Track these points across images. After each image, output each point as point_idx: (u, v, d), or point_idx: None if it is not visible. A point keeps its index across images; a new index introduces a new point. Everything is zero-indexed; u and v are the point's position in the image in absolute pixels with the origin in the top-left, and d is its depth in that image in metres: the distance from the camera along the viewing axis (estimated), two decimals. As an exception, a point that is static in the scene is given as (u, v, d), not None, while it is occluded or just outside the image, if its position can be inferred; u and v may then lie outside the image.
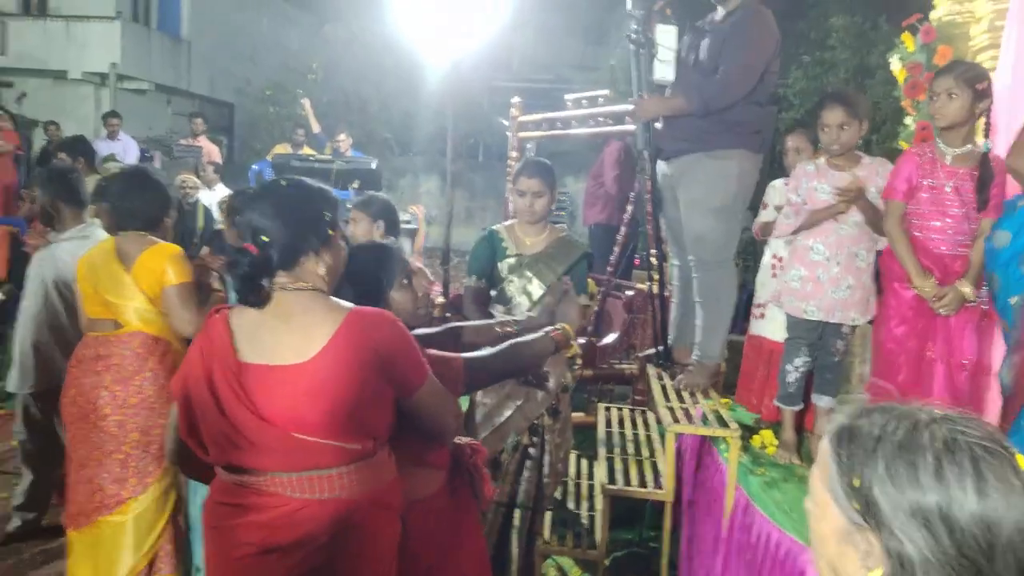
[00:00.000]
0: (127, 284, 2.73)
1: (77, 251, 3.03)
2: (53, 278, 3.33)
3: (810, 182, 2.90)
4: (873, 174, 2.84)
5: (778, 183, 3.65)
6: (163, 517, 2.78)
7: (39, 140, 9.54)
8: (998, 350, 2.59)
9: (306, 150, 8.17)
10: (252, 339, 1.65)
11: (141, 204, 2.82)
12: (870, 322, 3.04)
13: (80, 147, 5.11)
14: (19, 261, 3.63)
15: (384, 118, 13.35)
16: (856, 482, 0.89)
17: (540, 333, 2.09)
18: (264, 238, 1.64)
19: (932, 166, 2.68)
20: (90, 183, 3.99)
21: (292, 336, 1.62)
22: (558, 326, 2.14)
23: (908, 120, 3.78)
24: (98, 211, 3.59)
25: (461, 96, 11.45)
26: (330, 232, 1.71)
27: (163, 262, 2.74)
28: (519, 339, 2.05)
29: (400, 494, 1.78)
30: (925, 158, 2.70)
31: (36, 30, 13.12)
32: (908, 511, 0.85)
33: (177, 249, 2.83)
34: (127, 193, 2.85)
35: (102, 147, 7.40)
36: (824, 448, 0.96)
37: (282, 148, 8.39)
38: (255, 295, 1.65)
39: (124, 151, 7.84)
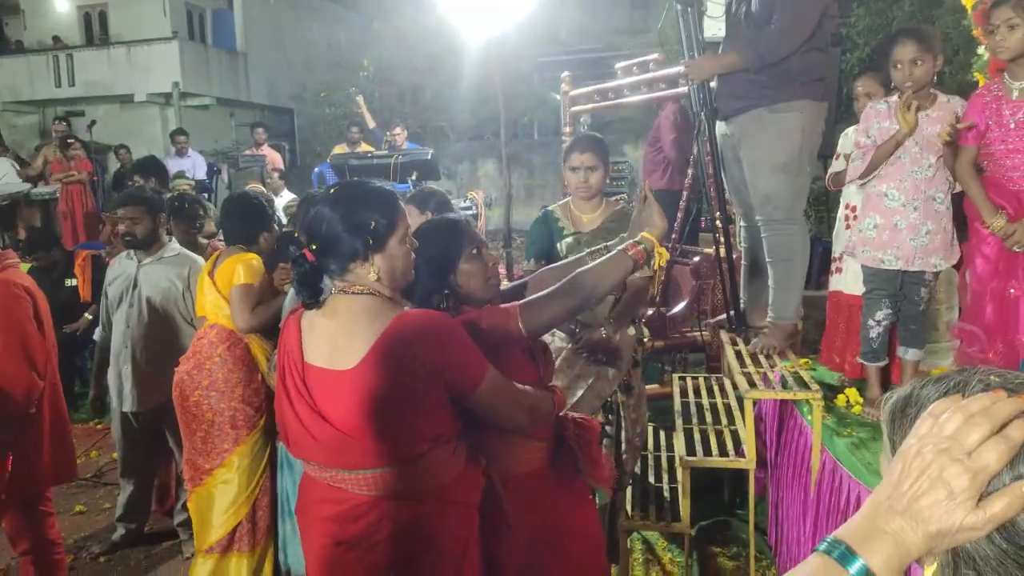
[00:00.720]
0: (208, 282, 3.11)
1: (172, 270, 3.48)
2: (157, 296, 3.48)
3: (882, 123, 2.75)
4: (949, 114, 2.68)
5: (850, 131, 3.48)
6: (243, 494, 3.04)
7: (112, 164, 9.95)
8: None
9: (363, 147, 8.26)
10: (314, 341, 1.71)
11: (239, 225, 3.22)
12: (955, 267, 2.88)
13: (153, 167, 5.28)
14: (101, 284, 3.76)
15: (438, 106, 13.39)
16: None
17: (613, 253, 1.94)
18: (315, 246, 1.70)
19: (998, 104, 2.60)
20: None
21: (343, 340, 1.66)
22: (637, 238, 1.94)
23: (981, 50, 3.55)
24: (172, 227, 3.83)
25: (510, 76, 11.39)
26: (382, 236, 1.69)
27: (236, 264, 3.04)
28: (582, 268, 1.93)
29: (472, 485, 1.78)
30: (991, 97, 2.61)
31: (100, 59, 13.69)
32: None
33: (250, 255, 3.11)
34: (229, 218, 3.29)
35: (172, 165, 7.65)
36: (884, 424, 0.89)
37: (340, 148, 8.50)
38: (311, 299, 1.71)
39: (193, 167, 8.10)
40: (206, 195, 8.00)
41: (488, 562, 1.85)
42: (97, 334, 3.65)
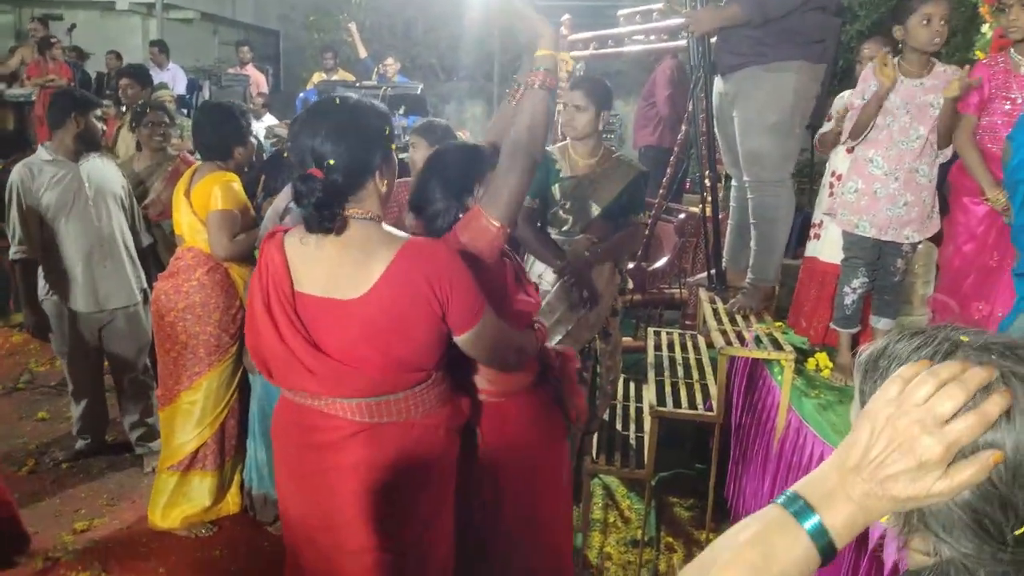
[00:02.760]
0: (184, 204, 3.02)
1: (110, 166, 3.54)
2: (117, 190, 3.50)
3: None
4: (943, 84, 2.68)
5: (846, 94, 3.47)
6: (208, 417, 3.06)
7: (90, 71, 9.62)
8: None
9: (341, 74, 8.07)
10: (308, 269, 1.64)
11: (213, 138, 3.09)
12: (933, 241, 2.92)
13: (139, 75, 5.13)
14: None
15: (428, 42, 13.09)
16: None
17: (531, 93, 1.81)
18: (330, 161, 1.58)
19: (1005, 77, 2.56)
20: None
21: (348, 269, 1.61)
22: (532, 65, 1.84)
23: (985, 28, 3.55)
24: (137, 135, 3.91)
25: (507, 18, 11.15)
26: (389, 149, 1.67)
27: (213, 187, 2.95)
28: (517, 115, 1.84)
29: (458, 411, 1.80)
30: (997, 69, 2.58)
31: (83, -40, 13.09)
32: None
33: (228, 177, 3.02)
34: (202, 127, 3.15)
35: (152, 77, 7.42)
36: (856, 380, 0.89)
37: (319, 75, 8.30)
38: (330, 222, 1.59)
39: (172, 81, 7.87)
40: (185, 111, 7.80)
41: (463, 484, 1.88)
42: (18, 251, 3.31)
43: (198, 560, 2.95)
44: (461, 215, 1.84)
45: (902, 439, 0.72)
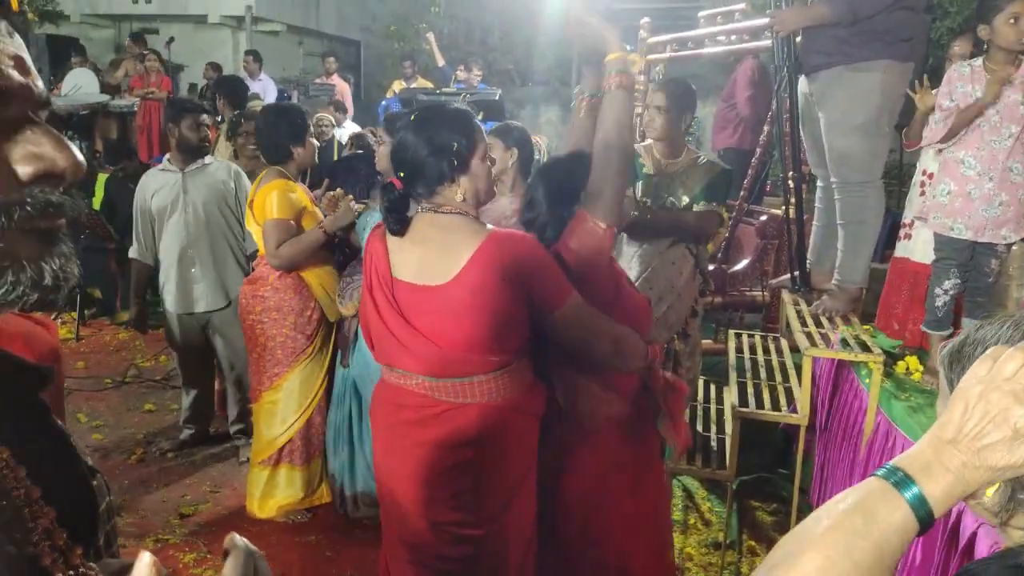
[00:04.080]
0: (248, 213, 3.18)
1: (218, 174, 3.65)
2: (212, 199, 3.62)
3: (965, 86, 2.68)
4: None
5: (935, 91, 3.39)
6: (294, 415, 3.18)
7: (184, 84, 10.12)
8: None
9: (420, 82, 8.27)
10: (402, 258, 1.81)
11: (272, 139, 3.14)
12: (1031, 242, 2.83)
13: (234, 86, 5.36)
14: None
15: (505, 48, 13.25)
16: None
17: (611, 97, 1.86)
18: (402, 173, 1.79)
19: None
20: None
21: (434, 257, 1.75)
22: (604, 72, 1.89)
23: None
24: (234, 145, 4.06)
25: (571, 27, 11.15)
26: (465, 157, 1.77)
27: (269, 196, 3.04)
28: (596, 140, 1.90)
29: (539, 399, 1.87)
30: None
31: (177, -23, 13.76)
32: None
33: (286, 185, 3.08)
34: (260, 130, 3.23)
35: (243, 87, 7.77)
36: (941, 371, 0.90)
37: (399, 83, 8.53)
38: (396, 225, 1.81)
39: (263, 91, 8.21)
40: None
41: (553, 486, 1.94)
42: (132, 251, 3.67)
43: (296, 544, 3.09)
44: (568, 222, 1.89)
45: (996, 411, 0.75)
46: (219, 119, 5.43)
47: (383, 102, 8.53)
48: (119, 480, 3.54)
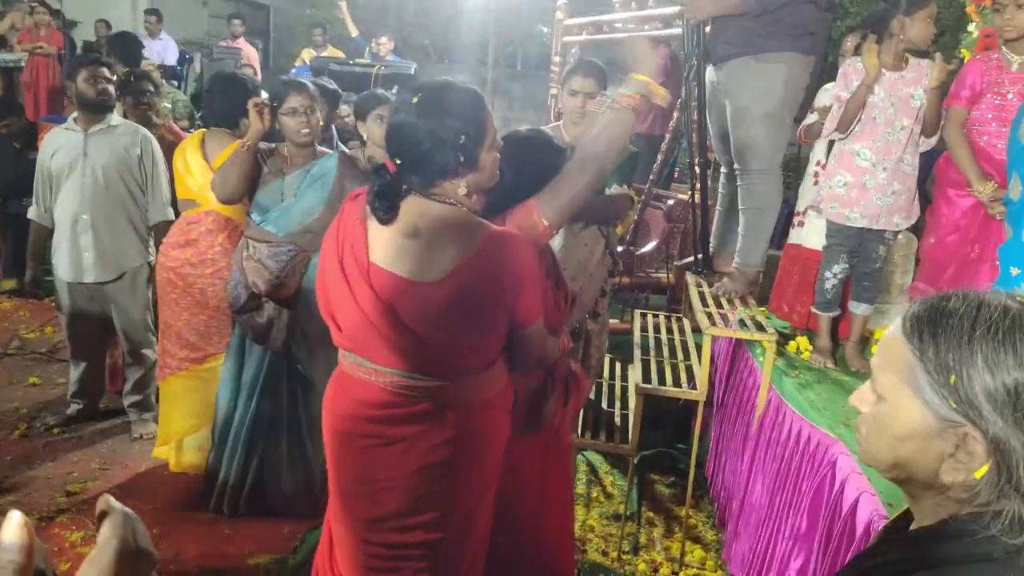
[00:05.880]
0: (202, 164, 3.11)
1: (123, 138, 3.47)
2: (113, 164, 3.42)
3: (859, 79, 2.83)
4: (922, 76, 2.78)
5: (829, 86, 3.57)
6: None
7: (78, 40, 9.51)
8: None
9: (331, 51, 8.05)
10: (385, 244, 1.63)
11: (224, 107, 3.15)
12: (913, 231, 3.02)
13: (127, 43, 5.09)
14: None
15: (421, 23, 13.07)
16: (952, 378, 0.81)
17: (612, 112, 1.85)
18: (398, 160, 1.60)
19: (997, 73, 2.66)
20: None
21: (424, 251, 1.59)
22: (627, 89, 1.86)
23: (971, 27, 3.65)
24: (122, 103, 3.87)
25: (502, 3, 11.11)
26: (473, 151, 1.60)
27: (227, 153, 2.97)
28: (588, 139, 1.86)
29: (511, 394, 1.81)
30: (990, 65, 2.67)
31: (72, -74, 12.87)
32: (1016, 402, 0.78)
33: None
34: (212, 95, 3.23)
35: (142, 46, 7.36)
36: (896, 344, 0.87)
37: (308, 52, 8.27)
38: (385, 213, 1.61)
39: (164, 50, 7.82)
40: (176, 82, 7.75)
41: None
42: (31, 212, 3.49)
43: (188, 519, 2.99)
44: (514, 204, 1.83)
45: None
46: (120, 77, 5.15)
47: (292, 70, 8.27)
48: (1, 457, 3.34)
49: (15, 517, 0.49)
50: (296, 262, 2.83)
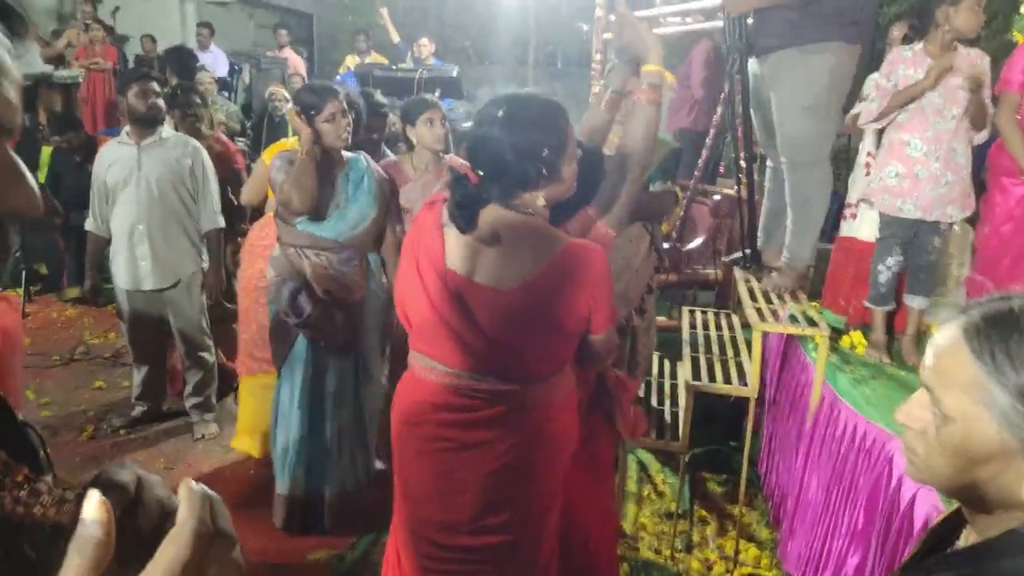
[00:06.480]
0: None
1: (174, 150, 3.56)
2: (166, 176, 3.53)
3: (906, 69, 2.78)
4: (970, 65, 2.71)
5: (876, 75, 3.50)
6: None
7: (129, 54, 9.80)
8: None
9: (375, 57, 8.16)
10: (462, 251, 1.65)
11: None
12: (970, 222, 2.95)
13: (182, 57, 5.22)
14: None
15: (461, 25, 13.14)
16: None
17: (632, 110, 1.91)
18: (480, 172, 1.62)
19: None
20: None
21: (503, 259, 1.62)
22: (642, 81, 1.90)
23: (1023, 9, 3.54)
24: (174, 118, 3.97)
25: (541, 2, 11.12)
26: (555, 164, 1.62)
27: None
28: (625, 139, 1.92)
29: (577, 396, 1.84)
30: None
31: (123, -56, 13.28)
32: None
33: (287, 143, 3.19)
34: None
35: (193, 59, 7.56)
36: (962, 361, 0.81)
37: (352, 59, 8.40)
38: (466, 223, 1.63)
39: (214, 62, 8.02)
40: (226, 93, 7.95)
41: None
42: (88, 224, 3.62)
43: (253, 519, 3.08)
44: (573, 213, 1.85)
45: None
46: (167, 90, 5.31)
47: (337, 77, 8.40)
48: (70, 457, 3.48)
49: (95, 496, 0.51)
50: (362, 263, 2.89)
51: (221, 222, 3.67)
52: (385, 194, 2.95)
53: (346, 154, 2.93)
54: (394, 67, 6.95)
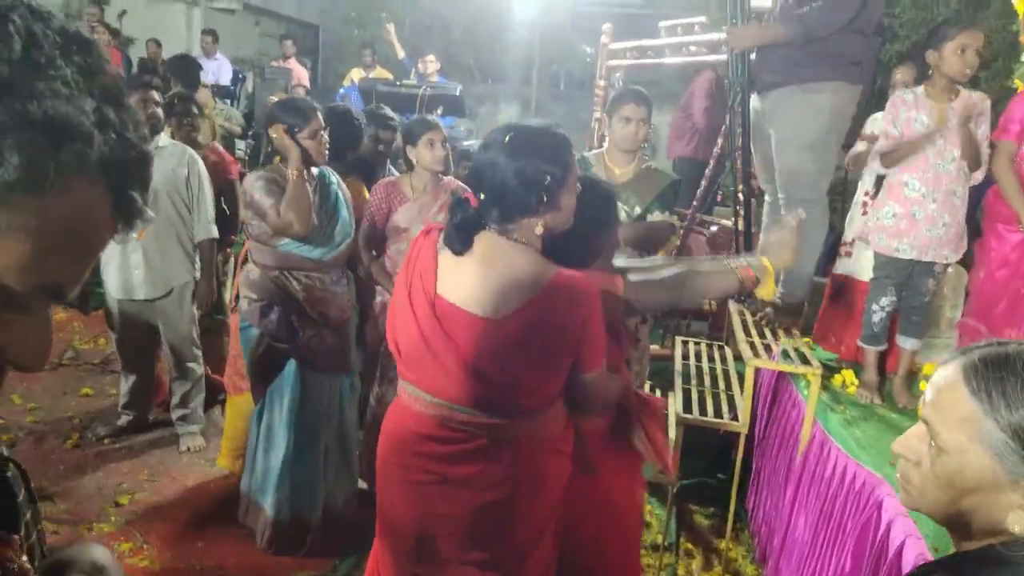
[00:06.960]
0: None
1: (171, 159, 3.54)
2: (161, 185, 3.49)
3: (908, 112, 2.80)
4: (969, 106, 2.73)
5: (879, 115, 3.53)
6: None
7: (134, 58, 9.82)
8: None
9: (379, 72, 8.19)
10: (453, 278, 1.67)
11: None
12: (963, 264, 2.96)
13: (187, 66, 5.22)
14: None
15: (467, 42, 13.22)
16: None
17: (724, 268, 1.96)
18: (482, 195, 1.64)
19: None
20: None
21: (491, 287, 1.62)
22: (750, 262, 1.96)
23: (1025, 56, 3.58)
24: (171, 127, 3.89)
25: (545, 22, 11.20)
26: (556, 193, 1.64)
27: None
28: (695, 268, 1.97)
29: (571, 437, 1.82)
30: None
31: (131, -52, 13.34)
32: None
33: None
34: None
35: (196, 65, 7.56)
36: (959, 399, 0.86)
37: (357, 72, 8.43)
38: (461, 246, 1.65)
39: (219, 70, 8.04)
40: (228, 101, 7.97)
41: None
42: None
43: (235, 535, 3.05)
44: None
45: None
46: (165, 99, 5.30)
47: (341, 90, 8.44)
48: (54, 465, 3.45)
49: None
50: (348, 282, 2.89)
51: (215, 232, 3.66)
52: (351, 207, 2.96)
53: (313, 169, 2.89)
54: (398, 83, 6.97)
